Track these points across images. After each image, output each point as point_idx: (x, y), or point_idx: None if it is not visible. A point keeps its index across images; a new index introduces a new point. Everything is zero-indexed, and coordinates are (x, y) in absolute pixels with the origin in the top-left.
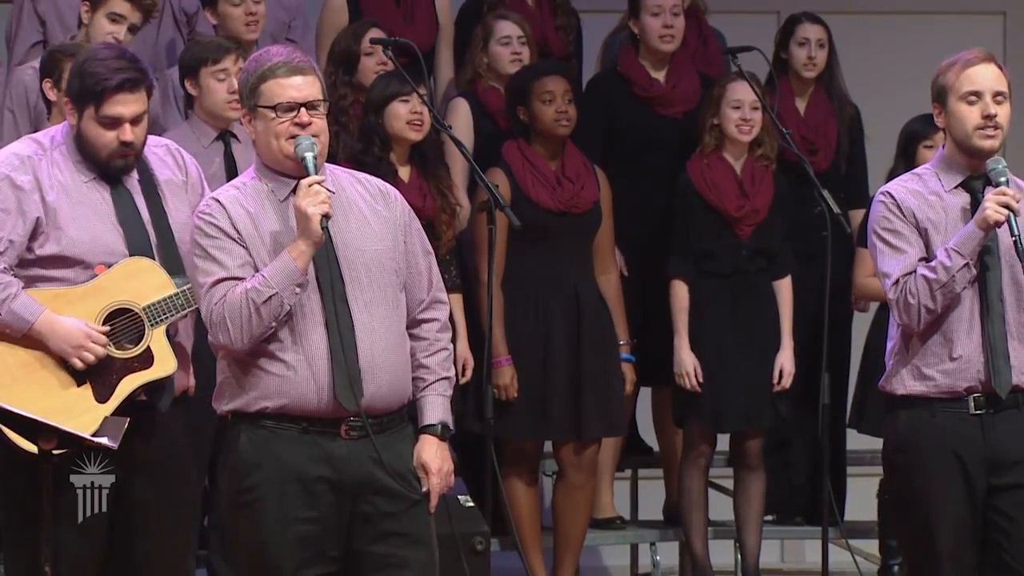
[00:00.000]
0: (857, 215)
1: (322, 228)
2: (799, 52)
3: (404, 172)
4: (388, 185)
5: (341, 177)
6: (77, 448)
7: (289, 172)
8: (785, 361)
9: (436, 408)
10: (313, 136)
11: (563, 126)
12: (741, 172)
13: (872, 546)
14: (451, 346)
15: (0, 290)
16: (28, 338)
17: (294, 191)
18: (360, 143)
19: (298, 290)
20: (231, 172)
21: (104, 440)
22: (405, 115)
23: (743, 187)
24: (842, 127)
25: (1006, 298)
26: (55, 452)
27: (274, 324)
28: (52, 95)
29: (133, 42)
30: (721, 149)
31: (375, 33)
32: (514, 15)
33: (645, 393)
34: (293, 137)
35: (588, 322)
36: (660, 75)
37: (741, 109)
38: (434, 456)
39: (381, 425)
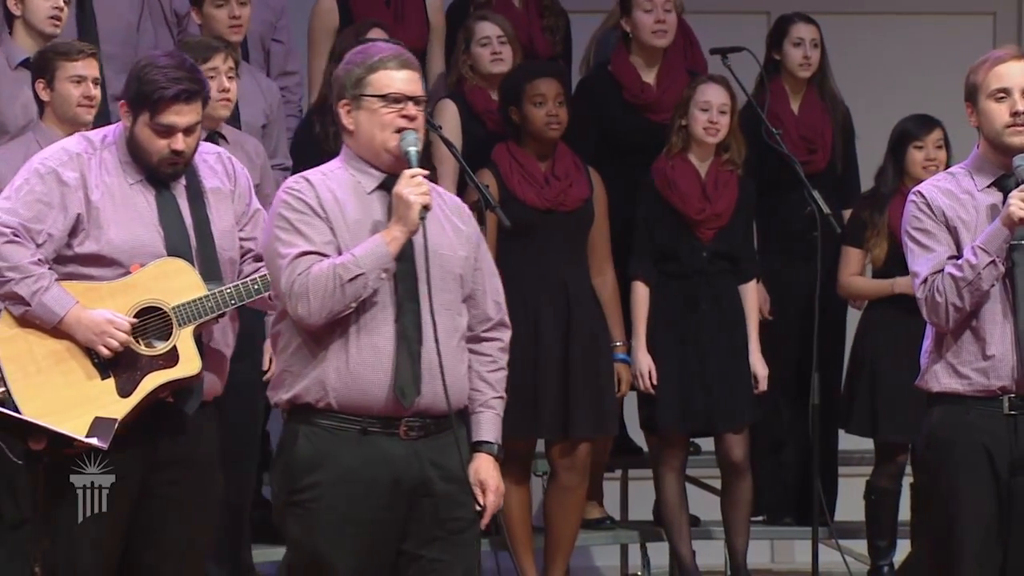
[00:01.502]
0: (847, 214)
1: (420, 219)
2: (794, 52)
3: None
4: (462, 202)
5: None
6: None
7: (382, 166)
8: (756, 364)
9: (492, 426)
10: (417, 132)
11: (553, 130)
12: (705, 175)
13: (862, 546)
14: (507, 368)
15: (32, 282)
16: (57, 330)
17: (381, 186)
18: None
19: (384, 275)
20: None
21: (94, 440)
22: None
23: (706, 190)
24: (836, 127)
25: None
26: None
27: (353, 305)
28: (45, 95)
29: (120, 43)
30: (687, 151)
31: (375, 34)
32: (493, 15)
33: (634, 393)
34: (398, 131)
35: (578, 321)
36: (651, 77)
37: (709, 112)
38: (492, 474)
39: (439, 426)
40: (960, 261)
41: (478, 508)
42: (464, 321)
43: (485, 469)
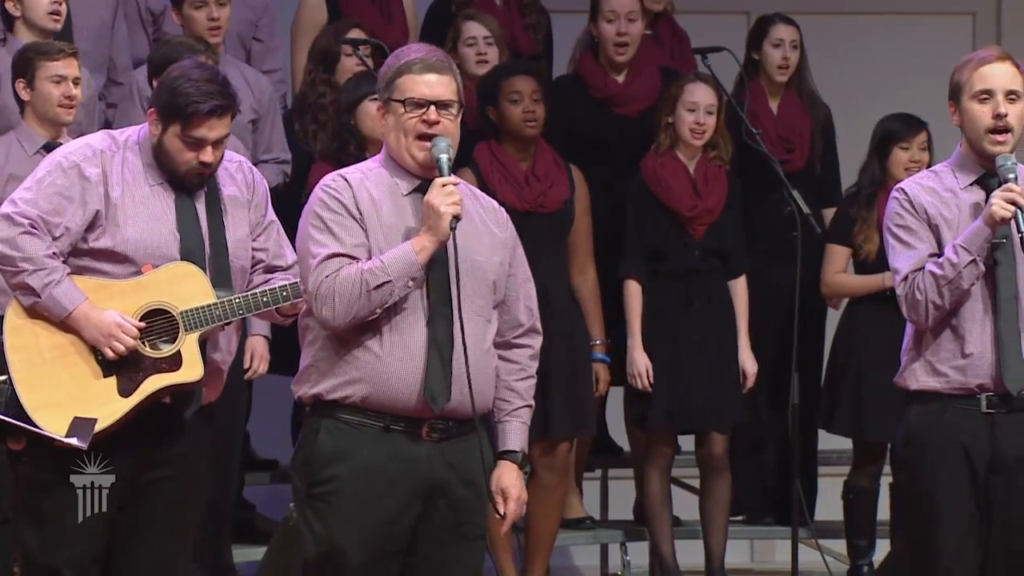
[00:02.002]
0: (829, 213)
1: (451, 229)
2: (773, 53)
3: None
4: (499, 206)
5: (462, 189)
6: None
7: (410, 170)
8: (745, 361)
9: (518, 435)
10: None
11: (530, 127)
12: (695, 171)
13: (842, 546)
14: (536, 376)
15: (45, 274)
16: (65, 324)
17: (417, 189)
18: (335, 143)
19: (411, 284)
20: None
21: (74, 441)
22: (377, 114)
23: (696, 186)
24: (816, 127)
25: (1021, 295)
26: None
27: (378, 311)
28: (25, 95)
29: (94, 41)
30: (675, 148)
31: (355, 33)
32: (481, 15)
33: (615, 393)
34: (421, 137)
35: (557, 321)
36: (620, 77)
37: (696, 112)
38: (515, 482)
39: (460, 429)
40: (941, 259)
41: (499, 516)
42: (494, 327)
43: (508, 477)
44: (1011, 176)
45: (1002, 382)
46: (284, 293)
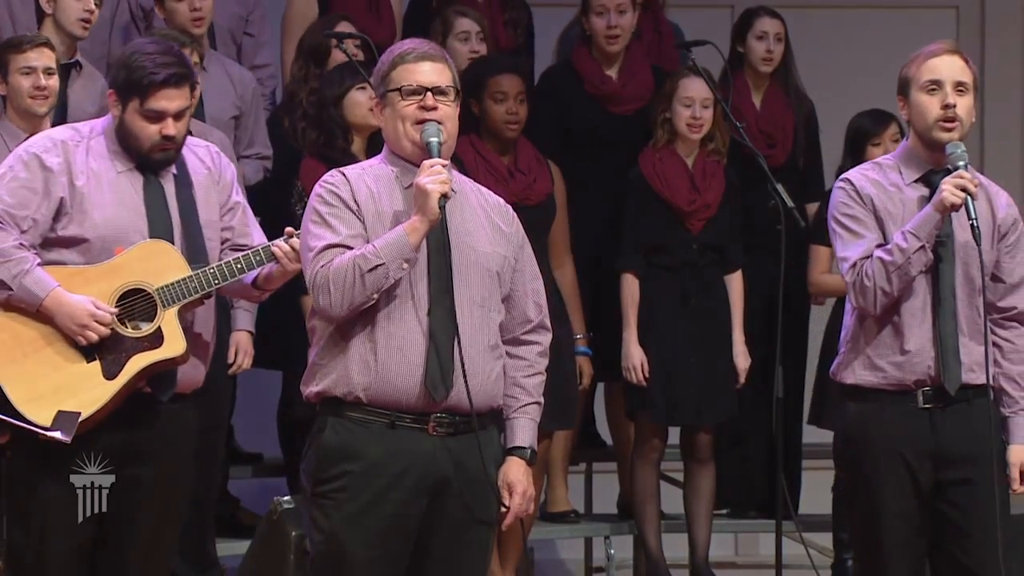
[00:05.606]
0: (812, 208)
1: (439, 207)
2: (757, 46)
3: None
4: (506, 204)
5: (466, 184)
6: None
7: (413, 159)
8: (738, 356)
9: (527, 432)
10: (439, 123)
11: (511, 129)
12: (693, 166)
13: (826, 539)
14: (545, 373)
15: (14, 265)
16: (42, 314)
17: None
18: (323, 137)
19: (405, 265)
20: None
21: (57, 434)
22: (366, 102)
23: (694, 181)
24: (799, 121)
25: (958, 294)
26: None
27: (375, 296)
28: (1, 89)
29: (96, 34)
30: (673, 143)
31: (344, 27)
32: (473, 12)
33: (600, 387)
34: (419, 123)
35: None
36: (612, 71)
37: (692, 107)
38: (520, 478)
39: (468, 425)
40: (890, 246)
41: (504, 509)
42: (500, 319)
43: (514, 472)
44: (960, 163)
45: (940, 380)
46: (257, 257)
